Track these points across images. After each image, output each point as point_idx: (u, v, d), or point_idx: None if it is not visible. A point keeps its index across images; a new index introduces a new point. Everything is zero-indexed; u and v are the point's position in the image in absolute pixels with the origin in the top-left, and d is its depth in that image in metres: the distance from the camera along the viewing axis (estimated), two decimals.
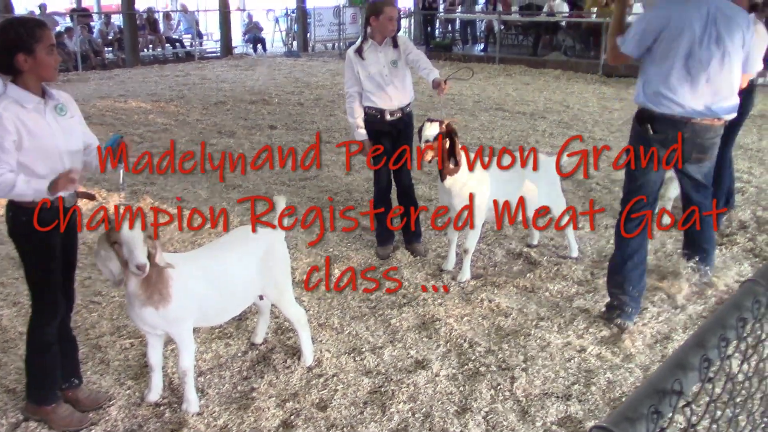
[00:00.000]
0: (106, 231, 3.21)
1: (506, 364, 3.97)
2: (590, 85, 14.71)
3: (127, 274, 3.26)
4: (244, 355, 4.14)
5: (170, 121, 10.98)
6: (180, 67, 18.00)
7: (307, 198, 7.09)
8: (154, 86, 14.69)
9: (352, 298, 4.85)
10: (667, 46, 4.04)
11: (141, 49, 19.62)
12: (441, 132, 4.75)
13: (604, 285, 4.95)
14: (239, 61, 19.71)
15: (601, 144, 9.29)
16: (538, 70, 16.47)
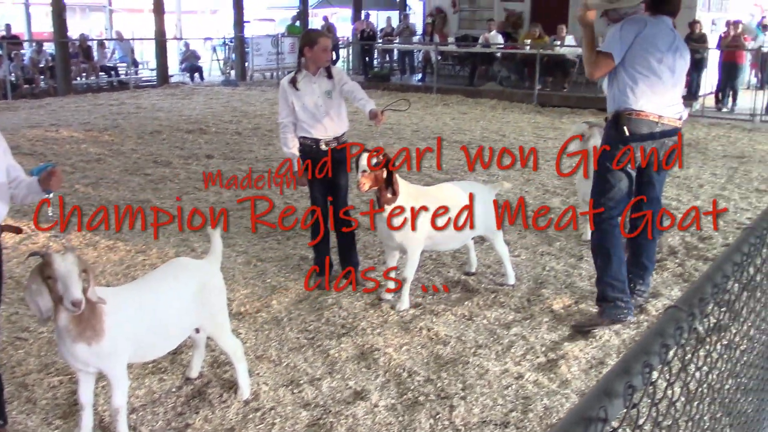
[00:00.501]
0: (39, 265, 3.12)
1: (445, 393, 3.98)
2: (525, 114, 15.03)
3: (58, 310, 3.16)
4: (179, 390, 4.05)
5: (104, 150, 10.76)
6: (114, 96, 17.71)
7: (245, 228, 7.02)
8: (88, 115, 14.41)
9: (290, 329, 4.80)
10: (641, 52, 4.49)
11: (74, 78, 19.23)
12: (377, 162, 4.78)
13: (541, 311, 5.04)
14: (176, 89, 19.50)
15: (536, 172, 9.48)
16: (474, 100, 16.75)
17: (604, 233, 4.73)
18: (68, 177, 8.89)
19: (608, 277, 4.70)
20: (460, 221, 5.19)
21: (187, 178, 9.07)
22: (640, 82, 4.51)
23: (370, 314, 5.04)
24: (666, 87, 4.56)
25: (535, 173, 9.43)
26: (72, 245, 3.31)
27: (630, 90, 4.53)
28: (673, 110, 4.63)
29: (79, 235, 6.67)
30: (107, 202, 7.86)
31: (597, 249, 4.80)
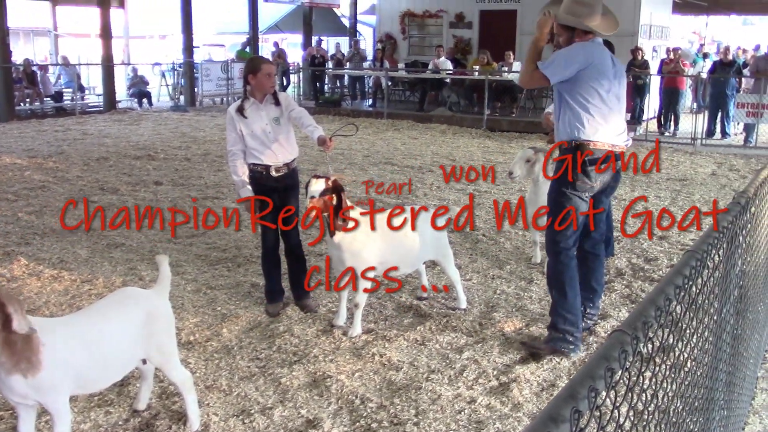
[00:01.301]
0: None
1: (398, 419, 3.96)
2: (475, 139, 15.23)
3: None
4: (126, 422, 3.95)
5: (48, 177, 10.53)
6: (60, 122, 17.38)
7: (195, 255, 6.92)
8: (31, 142, 14.10)
9: (241, 358, 4.74)
10: (592, 82, 4.51)
11: (17, 103, 18.83)
12: (327, 188, 4.77)
13: (492, 335, 5.07)
14: (123, 115, 19.24)
15: (486, 195, 9.59)
16: (424, 125, 16.91)
17: (560, 265, 4.71)
18: (11, 205, 8.68)
19: (562, 309, 4.70)
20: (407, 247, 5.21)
21: (134, 205, 8.92)
22: (594, 112, 4.52)
23: (322, 341, 5.00)
24: (615, 115, 4.63)
25: (485, 196, 9.52)
26: None
27: (586, 120, 4.53)
28: (622, 138, 4.70)
29: (22, 265, 6.49)
30: (51, 231, 7.68)
31: (553, 281, 4.80)
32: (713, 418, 2.79)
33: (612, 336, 1.49)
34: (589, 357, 4.66)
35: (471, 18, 20.73)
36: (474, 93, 18.34)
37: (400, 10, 21.90)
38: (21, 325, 3.04)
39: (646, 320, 1.60)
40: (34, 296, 5.77)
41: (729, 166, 12.55)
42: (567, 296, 4.69)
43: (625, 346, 1.46)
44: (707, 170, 12.06)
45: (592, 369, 1.37)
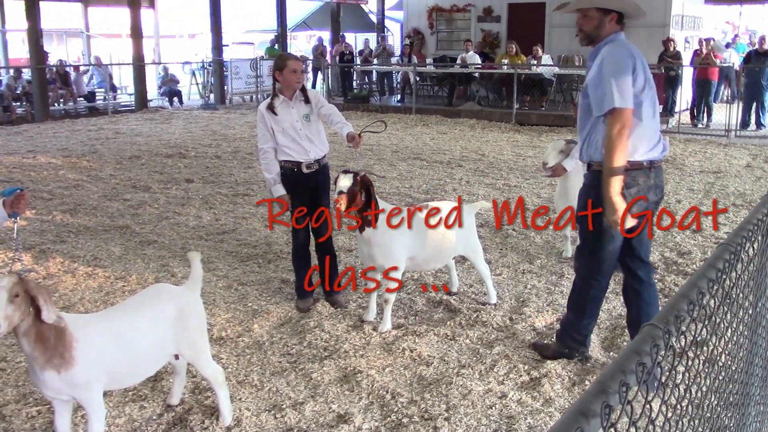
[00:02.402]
0: None
1: (429, 414, 3.96)
2: (504, 133, 15.13)
3: (18, 336, 3.12)
4: (160, 417, 4.00)
5: (82, 176, 10.69)
6: (93, 122, 17.63)
7: (225, 252, 6.98)
8: (65, 141, 14.32)
9: (272, 353, 4.77)
10: (641, 92, 3.96)
11: (51, 104, 19.13)
12: (355, 183, 4.78)
13: (523, 329, 5.05)
14: (154, 114, 19.45)
15: (516, 190, 9.53)
16: (453, 120, 16.85)
17: (585, 293, 4.38)
18: (46, 204, 8.82)
19: (573, 330, 4.50)
20: (438, 242, 5.20)
21: (166, 202, 9.02)
22: (641, 126, 3.97)
23: (353, 336, 5.02)
24: (656, 126, 4.11)
25: (515, 191, 9.47)
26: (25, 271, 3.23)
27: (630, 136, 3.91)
28: (663, 149, 4.12)
29: (58, 263, 6.60)
30: (86, 229, 7.80)
31: (573, 302, 4.50)
32: (749, 413, 2.75)
33: (644, 330, 1.48)
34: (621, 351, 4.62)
35: (499, 12, 20.59)
36: (503, 87, 18.23)
37: (427, 5, 21.82)
38: (49, 315, 3.09)
39: (679, 314, 1.58)
40: (69, 293, 5.86)
41: (764, 157, 12.32)
42: (582, 320, 4.46)
43: (657, 341, 1.44)
44: (742, 162, 11.85)
45: (623, 363, 1.36)
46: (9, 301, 2.98)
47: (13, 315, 3.02)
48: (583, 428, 1.16)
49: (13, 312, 3.01)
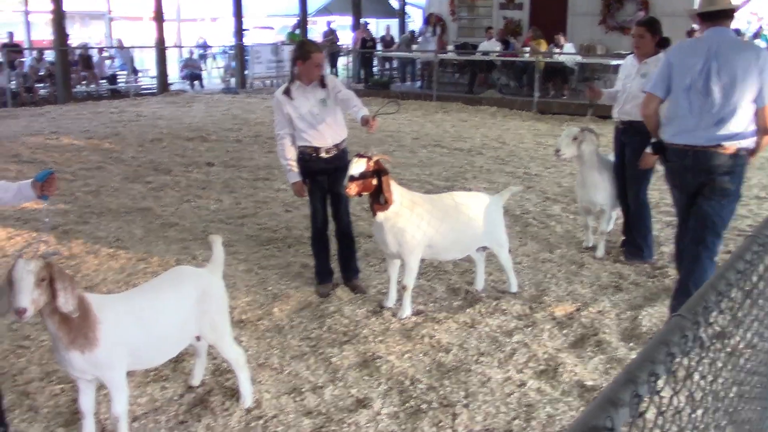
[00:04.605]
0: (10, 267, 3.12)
1: (448, 401, 3.97)
2: (525, 121, 15.06)
3: (44, 317, 3.16)
4: (181, 398, 4.04)
5: (104, 158, 10.78)
6: (115, 104, 17.74)
7: (246, 236, 7.02)
8: (88, 123, 14.43)
9: (292, 337, 4.80)
10: (674, 83, 4.54)
11: (74, 86, 19.27)
12: (368, 168, 4.76)
13: (543, 318, 5.04)
14: (176, 97, 19.54)
15: (537, 179, 9.50)
16: (474, 107, 16.78)
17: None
18: (69, 185, 8.90)
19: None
20: (459, 232, 5.18)
21: (187, 185, 9.08)
22: (672, 110, 4.64)
23: (372, 322, 5.04)
24: (698, 113, 4.49)
25: (535, 180, 9.43)
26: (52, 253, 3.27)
27: (664, 120, 4.73)
28: (713, 136, 4.46)
29: (81, 244, 6.67)
30: (108, 210, 7.87)
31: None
32: None
33: (671, 321, 1.48)
34: (649, 341, 4.61)
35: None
36: (524, 75, 18.11)
37: None
38: (66, 304, 3.11)
39: (707, 305, 1.58)
40: (92, 274, 5.92)
41: None
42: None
43: (686, 331, 1.43)
44: (765, 154, 11.69)
45: (651, 353, 1.36)
46: (36, 285, 3.02)
47: (39, 299, 3.06)
48: (612, 417, 1.16)
49: (39, 296, 3.05)
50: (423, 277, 5.80)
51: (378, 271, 6.04)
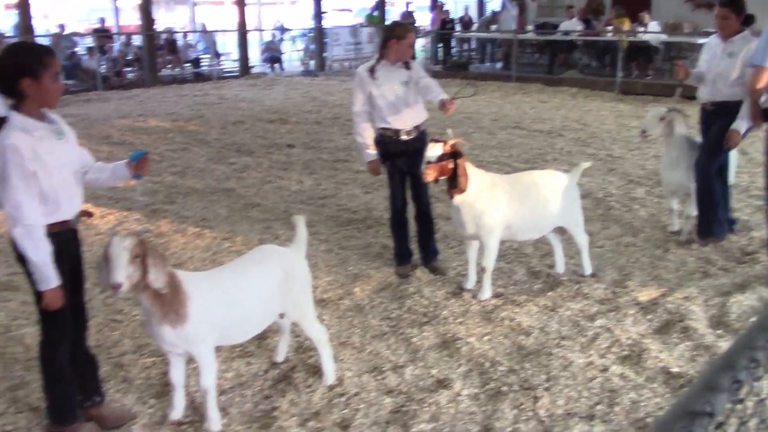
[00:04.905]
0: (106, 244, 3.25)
1: (529, 384, 3.96)
2: (607, 102, 14.69)
3: (138, 292, 3.28)
4: (266, 373, 4.16)
5: (189, 140, 11.09)
6: (198, 87, 18.17)
7: (326, 216, 7.12)
8: (173, 106, 14.85)
9: (373, 317, 4.86)
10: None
11: (160, 69, 19.84)
12: (444, 152, 4.75)
13: (626, 303, 4.95)
14: (257, 80, 19.87)
15: (619, 161, 9.28)
16: (554, 88, 16.46)
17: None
18: (156, 166, 9.19)
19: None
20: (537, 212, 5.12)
21: (269, 166, 9.26)
22: None
23: (452, 303, 5.05)
24: None
25: (618, 162, 9.22)
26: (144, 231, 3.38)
27: None
28: None
29: (168, 223, 6.90)
30: (193, 191, 8.10)
31: None
32: None
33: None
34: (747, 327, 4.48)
35: None
36: (606, 55, 17.64)
37: None
38: (156, 280, 3.22)
39: None
40: (180, 252, 6.12)
41: None
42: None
43: None
44: None
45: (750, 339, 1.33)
46: (130, 261, 3.15)
47: (134, 275, 3.18)
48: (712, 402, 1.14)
49: (133, 272, 3.17)
50: (503, 260, 5.77)
51: (457, 252, 6.03)
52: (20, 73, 3.05)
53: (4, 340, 4.57)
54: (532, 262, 5.81)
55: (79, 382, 3.55)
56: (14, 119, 3.07)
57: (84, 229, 3.49)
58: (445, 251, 6.03)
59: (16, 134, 3.03)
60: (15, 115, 3.08)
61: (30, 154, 3.03)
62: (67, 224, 3.27)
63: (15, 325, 4.78)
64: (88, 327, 3.65)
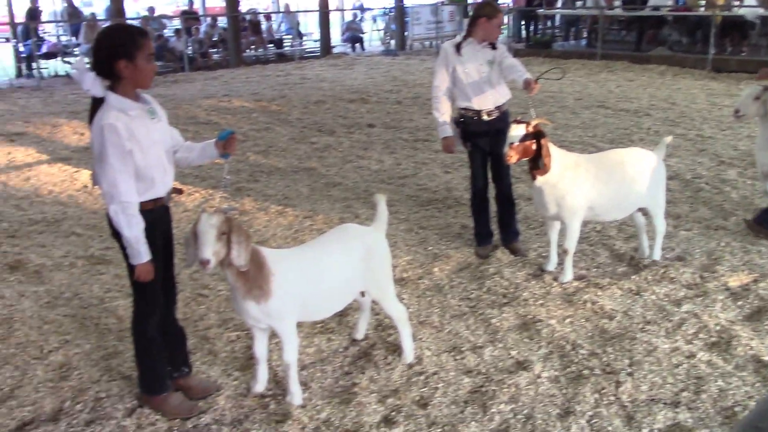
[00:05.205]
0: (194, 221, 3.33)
1: (611, 368, 3.88)
2: (698, 81, 14.15)
3: (224, 268, 3.36)
4: (346, 350, 4.21)
5: (272, 119, 11.26)
6: (281, 67, 18.42)
7: (406, 196, 7.13)
8: (257, 86, 15.10)
9: (452, 297, 4.85)
10: None
11: (244, 50, 20.19)
12: (527, 133, 4.67)
13: (715, 289, 4.78)
14: (338, 60, 19.99)
15: (710, 142, 8.93)
16: (641, 66, 15.94)
17: None
18: (240, 145, 9.38)
19: None
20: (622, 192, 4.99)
21: (350, 146, 9.33)
22: None
23: (532, 285, 4.99)
24: None
25: (708, 142, 8.88)
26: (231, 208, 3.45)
27: None
28: None
29: (252, 201, 7.05)
30: (276, 169, 8.24)
31: None
32: None
33: None
34: None
35: None
36: (698, 30, 16.95)
37: None
38: (238, 258, 3.29)
39: None
40: (263, 229, 6.25)
41: None
42: None
43: None
44: None
45: None
46: (217, 238, 3.23)
47: (221, 251, 3.26)
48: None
49: (220, 249, 3.25)
50: (585, 242, 5.66)
51: (539, 234, 5.95)
52: (116, 55, 3.15)
53: (98, 311, 4.78)
54: (616, 244, 5.68)
55: (169, 354, 3.68)
56: (111, 99, 3.18)
57: (172, 206, 3.59)
58: (526, 232, 5.96)
59: (114, 114, 3.14)
60: (112, 96, 3.19)
61: (126, 133, 3.13)
62: (159, 201, 3.38)
63: (108, 297, 4.99)
64: (177, 300, 3.77)
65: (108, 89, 3.19)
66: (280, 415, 3.58)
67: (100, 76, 3.20)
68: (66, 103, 13.18)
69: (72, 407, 3.68)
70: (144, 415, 3.61)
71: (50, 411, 3.67)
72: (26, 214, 6.81)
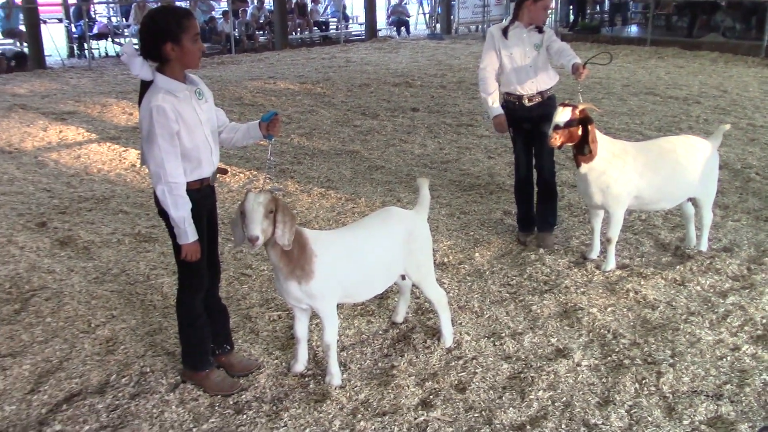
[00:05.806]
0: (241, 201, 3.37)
1: (652, 358, 3.84)
2: (751, 68, 13.80)
3: (268, 247, 3.40)
4: (385, 333, 4.24)
5: (316, 102, 11.31)
6: (326, 50, 18.46)
7: (449, 181, 7.12)
8: (302, 68, 15.16)
9: (492, 282, 4.84)
10: None
11: (290, 33, 20.27)
12: (573, 118, 4.60)
13: (763, 281, 4.69)
14: (383, 43, 19.95)
15: (761, 131, 8.72)
16: (692, 53, 15.61)
17: None
18: (285, 127, 9.46)
19: None
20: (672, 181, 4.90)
21: (393, 130, 9.33)
22: None
23: (574, 273, 4.95)
24: None
25: (760, 131, 8.67)
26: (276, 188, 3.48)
27: None
28: None
29: (295, 182, 7.10)
30: (320, 152, 8.29)
31: None
32: None
33: None
34: None
35: None
36: (753, 16, 16.49)
37: None
38: (282, 237, 3.32)
39: None
40: (305, 211, 6.30)
41: None
42: None
43: None
44: None
45: None
46: (265, 216, 3.26)
47: (268, 229, 3.30)
48: None
49: (267, 227, 3.29)
50: (629, 231, 5.59)
51: (582, 222, 5.89)
52: (161, 39, 3.20)
53: (143, 288, 4.88)
54: (660, 233, 5.59)
55: (212, 331, 3.75)
56: (159, 81, 3.23)
57: (216, 186, 3.64)
58: (569, 219, 5.91)
59: (162, 96, 3.19)
60: (160, 77, 3.24)
61: (174, 114, 3.18)
62: (205, 181, 3.43)
63: (154, 274, 5.09)
64: (220, 279, 3.83)
65: (156, 70, 3.25)
66: (319, 395, 3.62)
67: (148, 59, 3.25)
68: (115, 83, 13.42)
69: (118, 380, 3.77)
70: (187, 390, 3.69)
71: (96, 384, 3.77)
72: (76, 192, 6.97)
